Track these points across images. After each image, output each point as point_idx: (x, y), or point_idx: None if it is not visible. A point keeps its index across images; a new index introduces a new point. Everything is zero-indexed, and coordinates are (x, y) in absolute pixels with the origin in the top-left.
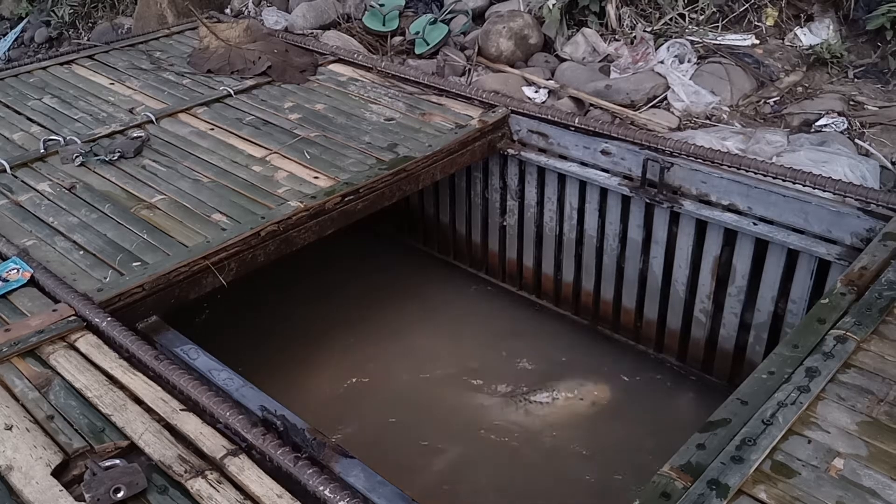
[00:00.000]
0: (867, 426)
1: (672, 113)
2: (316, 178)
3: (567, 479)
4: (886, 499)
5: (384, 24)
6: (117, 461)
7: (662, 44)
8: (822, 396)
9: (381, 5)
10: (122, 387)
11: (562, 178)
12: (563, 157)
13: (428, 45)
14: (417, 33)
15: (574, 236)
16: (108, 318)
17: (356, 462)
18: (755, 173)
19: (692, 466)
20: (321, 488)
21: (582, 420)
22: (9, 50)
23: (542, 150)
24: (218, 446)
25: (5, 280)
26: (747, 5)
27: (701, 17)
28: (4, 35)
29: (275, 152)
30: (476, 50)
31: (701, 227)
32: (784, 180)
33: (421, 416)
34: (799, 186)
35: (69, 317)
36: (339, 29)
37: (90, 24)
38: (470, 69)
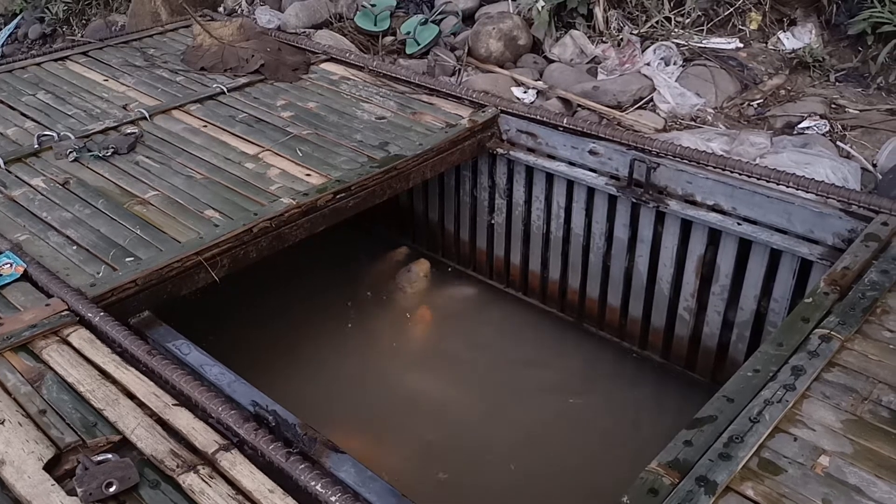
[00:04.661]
0: (852, 424)
1: (658, 114)
2: (308, 175)
3: (552, 474)
4: (871, 496)
5: (376, 24)
6: (109, 456)
7: (649, 46)
8: (807, 395)
9: (373, 5)
10: (114, 381)
11: (550, 177)
12: (552, 157)
13: (419, 45)
14: (408, 33)
15: (561, 235)
16: (101, 313)
17: (347, 457)
18: (739, 174)
19: (679, 463)
20: (313, 483)
21: (566, 416)
22: (3, 46)
23: (530, 150)
24: (210, 441)
25: None
26: (732, 9)
27: (686, 21)
28: None
29: (267, 150)
30: (466, 50)
31: (686, 226)
32: (767, 181)
33: (408, 411)
34: (782, 187)
35: (62, 311)
36: (331, 28)
37: (84, 21)
38: (460, 69)
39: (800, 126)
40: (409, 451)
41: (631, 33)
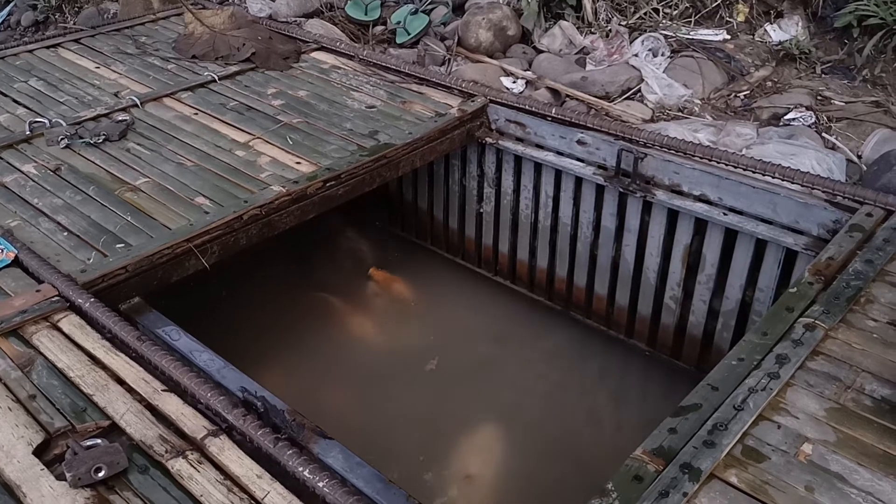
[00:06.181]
0: (835, 412)
1: (646, 105)
2: (298, 163)
3: (538, 462)
4: (853, 483)
5: (366, 14)
6: (98, 441)
7: (637, 37)
8: (791, 383)
9: None
10: (104, 367)
11: (538, 166)
12: (540, 147)
13: (409, 34)
14: (399, 23)
15: (549, 224)
16: (91, 299)
17: (335, 443)
18: (726, 165)
19: (664, 450)
20: (300, 469)
21: (554, 403)
22: None
23: (519, 140)
24: (199, 427)
25: None
26: (719, 1)
27: (674, 12)
28: None
29: (258, 138)
30: (456, 40)
31: (672, 216)
32: (754, 172)
33: (396, 398)
34: (768, 178)
35: (52, 297)
36: (322, 17)
37: (76, 9)
38: (450, 59)
39: (786, 117)
40: (396, 436)
41: (619, 24)
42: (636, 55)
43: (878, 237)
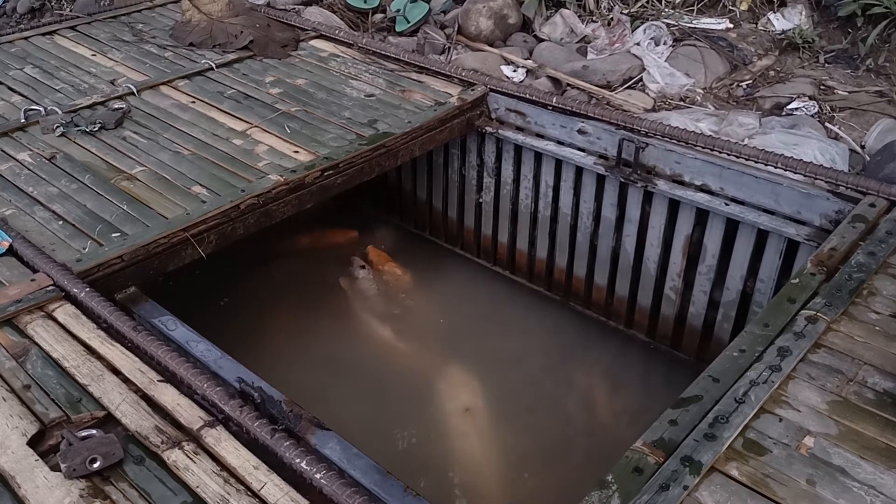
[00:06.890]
0: (837, 405)
1: (647, 94)
2: (296, 152)
3: (536, 453)
4: (855, 477)
5: (365, 2)
6: (94, 431)
7: (639, 26)
8: (793, 376)
9: None
10: (99, 357)
11: (538, 156)
12: (540, 136)
13: (409, 22)
14: (398, 11)
15: (549, 214)
16: (87, 289)
17: (332, 434)
18: (728, 155)
19: (665, 442)
20: (297, 460)
21: (552, 394)
22: None
23: (519, 129)
24: (195, 417)
25: None
26: None
27: (677, 1)
28: None
29: (255, 126)
30: (456, 28)
31: (673, 206)
32: (756, 162)
33: (394, 389)
34: (770, 168)
35: (47, 286)
36: (320, 5)
37: None
38: (450, 47)
39: (788, 107)
40: (394, 427)
41: (621, 13)
42: (638, 44)
43: (881, 228)
